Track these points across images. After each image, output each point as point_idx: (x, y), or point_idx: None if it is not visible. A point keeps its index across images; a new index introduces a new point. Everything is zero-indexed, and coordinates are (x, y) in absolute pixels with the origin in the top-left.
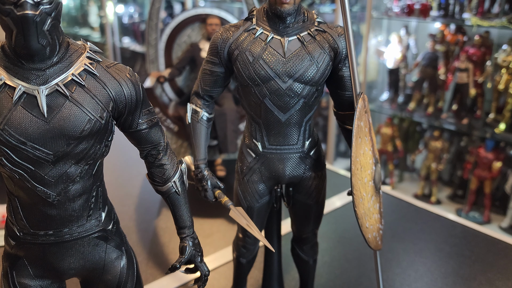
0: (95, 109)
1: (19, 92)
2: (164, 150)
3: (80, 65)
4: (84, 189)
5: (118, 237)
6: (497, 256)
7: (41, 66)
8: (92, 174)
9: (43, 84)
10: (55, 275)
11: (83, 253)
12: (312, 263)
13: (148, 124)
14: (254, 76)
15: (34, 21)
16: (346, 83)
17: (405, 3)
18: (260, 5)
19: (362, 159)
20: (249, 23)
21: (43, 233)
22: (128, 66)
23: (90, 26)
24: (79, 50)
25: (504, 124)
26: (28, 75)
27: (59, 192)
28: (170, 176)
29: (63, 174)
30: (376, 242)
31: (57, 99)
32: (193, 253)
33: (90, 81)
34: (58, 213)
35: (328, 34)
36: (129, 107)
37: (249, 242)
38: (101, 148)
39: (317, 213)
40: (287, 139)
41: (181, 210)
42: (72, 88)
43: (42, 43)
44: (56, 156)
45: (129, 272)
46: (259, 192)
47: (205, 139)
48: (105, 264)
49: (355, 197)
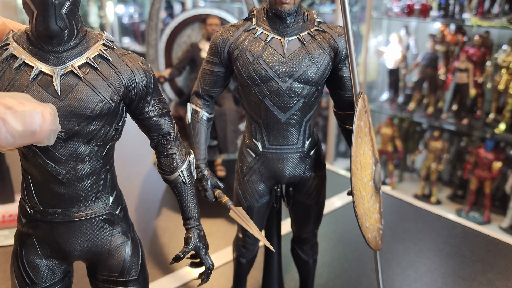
0: (106, 91)
1: (36, 71)
2: (174, 140)
3: (95, 51)
4: (93, 170)
5: (125, 224)
6: (497, 256)
7: (59, 48)
8: (102, 156)
9: (59, 65)
10: (62, 256)
11: (89, 235)
12: (312, 263)
13: (158, 112)
14: (254, 76)
15: (53, 3)
16: (346, 83)
17: (405, 3)
18: (260, 5)
19: (362, 159)
20: (249, 23)
21: (52, 211)
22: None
23: (90, 26)
24: (95, 38)
25: (504, 124)
26: (46, 57)
27: (68, 170)
28: (178, 165)
29: (73, 153)
30: (376, 242)
31: (71, 80)
32: (197, 245)
33: (103, 66)
34: (67, 192)
35: (328, 34)
36: (140, 94)
37: (249, 242)
38: (111, 131)
39: (317, 213)
40: (287, 139)
41: (187, 201)
42: (86, 70)
43: (60, 25)
44: (67, 134)
45: (133, 259)
46: (259, 192)
47: (205, 139)
48: (110, 248)
49: (355, 197)
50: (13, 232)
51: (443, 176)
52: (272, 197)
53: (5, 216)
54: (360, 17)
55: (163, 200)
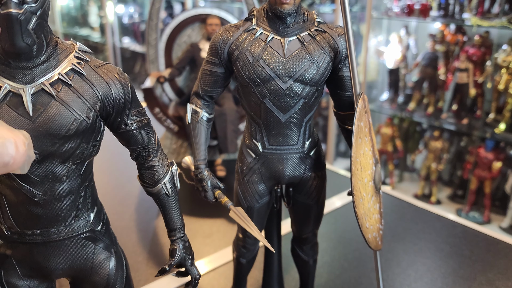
0: (82, 108)
1: (4, 91)
2: (155, 152)
3: (68, 65)
4: (71, 189)
5: (108, 238)
6: (497, 256)
7: (27, 65)
8: (80, 174)
9: (29, 83)
10: (43, 275)
11: (70, 253)
12: (312, 263)
13: (138, 125)
14: (254, 77)
15: (18, 19)
16: (346, 83)
17: (405, 3)
18: (260, 5)
19: (362, 159)
20: (249, 23)
21: (30, 232)
22: (118, 67)
23: (90, 26)
24: (67, 50)
25: (504, 124)
26: (14, 74)
27: (45, 192)
28: (161, 177)
29: (49, 173)
30: (376, 242)
31: (42, 98)
32: (183, 256)
33: (77, 81)
34: (45, 213)
35: (328, 34)
36: (117, 107)
37: (249, 242)
38: (88, 148)
39: (317, 213)
40: (287, 139)
41: (171, 213)
42: (58, 88)
43: (27, 41)
44: (42, 155)
45: (117, 274)
46: (259, 193)
47: (205, 139)
48: (93, 265)
49: (355, 198)
50: None
51: (443, 176)
52: (272, 198)
53: None
54: (360, 17)
55: None
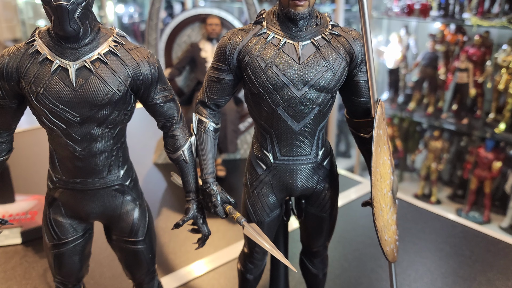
0: (115, 83)
1: (55, 65)
2: (177, 123)
3: (106, 47)
4: (105, 148)
5: (135, 193)
6: (497, 256)
7: (75, 45)
8: (113, 137)
9: (75, 60)
10: (81, 217)
11: (103, 201)
12: (322, 276)
13: (163, 99)
14: (267, 84)
15: (66, 9)
16: (362, 89)
17: (405, 3)
18: (260, 5)
19: (382, 169)
20: (259, 27)
21: (72, 180)
22: (149, 50)
23: None
24: (107, 34)
25: (504, 124)
26: (64, 53)
27: (84, 148)
28: (181, 145)
29: (88, 134)
30: (393, 254)
31: (84, 73)
32: (195, 215)
33: (112, 60)
34: (84, 166)
35: (343, 38)
36: (145, 83)
37: (257, 257)
38: (119, 116)
39: (329, 225)
40: (300, 150)
41: (188, 176)
42: (97, 65)
43: (74, 27)
44: (82, 119)
45: (140, 223)
46: (270, 206)
47: (213, 151)
48: (121, 213)
49: (375, 210)
50: (13, 232)
51: (443, 176)
52: (282, 210)
53: (5, 216)
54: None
55: (163, 200)
